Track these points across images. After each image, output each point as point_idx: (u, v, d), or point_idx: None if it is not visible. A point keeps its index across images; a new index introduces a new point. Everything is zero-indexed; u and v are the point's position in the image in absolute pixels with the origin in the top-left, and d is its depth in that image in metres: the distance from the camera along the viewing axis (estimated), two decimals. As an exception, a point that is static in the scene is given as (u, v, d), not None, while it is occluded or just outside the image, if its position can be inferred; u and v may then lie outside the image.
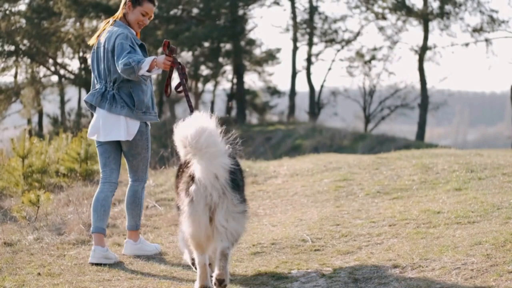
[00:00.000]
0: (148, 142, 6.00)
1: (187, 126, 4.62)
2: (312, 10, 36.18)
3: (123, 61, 5.55)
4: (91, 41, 6.01)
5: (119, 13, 6.00)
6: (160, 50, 31.68)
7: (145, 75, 5.67)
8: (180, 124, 4.66)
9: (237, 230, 4.73)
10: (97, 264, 5.78)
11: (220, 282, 4.63)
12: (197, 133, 4.54)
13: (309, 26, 36.37)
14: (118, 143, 5.97)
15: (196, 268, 4.89)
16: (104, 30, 5.94)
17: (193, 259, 5.09)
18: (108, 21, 6.02)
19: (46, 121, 36.94)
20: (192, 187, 4.66)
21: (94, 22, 34.31)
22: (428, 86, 33.95)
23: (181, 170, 4.97)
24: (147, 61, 5.51)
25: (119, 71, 5.64)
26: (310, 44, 36.47)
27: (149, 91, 5.94)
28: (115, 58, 5.67)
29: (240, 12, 35.08)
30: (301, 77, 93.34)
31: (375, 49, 36.19)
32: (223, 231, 4.65)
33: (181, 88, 5.69)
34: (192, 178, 4.69)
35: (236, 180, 4.74)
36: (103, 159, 5.98)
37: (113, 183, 5.99)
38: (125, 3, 5.96)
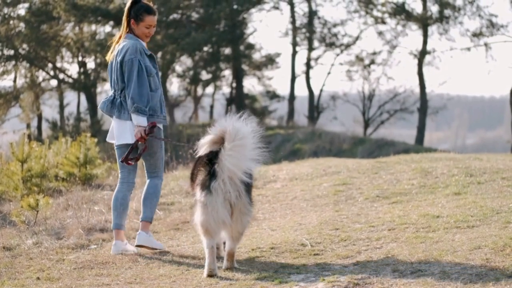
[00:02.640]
0: (161, 142, 6.39)
1: (231, 122, 5.29)
2: (311, 14, 36.21)
3: (132, 97, 6.11)
4: (107, 58, 6.45)
5: (123, 31, 6.41)
6: (159, 53, 31.74)
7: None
8: (222, 120, 5.35)
9: (239, 231, 5.41)
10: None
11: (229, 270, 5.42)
12: (239, 129, 5.23)
13: (308, 31, 36.41)
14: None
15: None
16: (117, 44, 6.38)
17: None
18: (119, 38, 6.42)
19: (45, 126, 36.96)
20: (213, 182, 5.24)
21: (93, 27, 34.36)
22: (427, 90, 34.00)
23: (198, 166, 5.49)
24: (140, 120, 6.10)
25: (128, 98, 6.15)
26: (310, 48, 36.49)
27: (156, 96, 6.31)
28: (126, 74, 6.18)
29: (240, 16, 35.11)
30: (301, 82, 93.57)
31: (374, 53, 36.22)
32: (230, 229, 5.34)
33: (130, 160, 6.27)
34: (211, 174, 5.27)
35: (249, 184, 5.38)
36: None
37: (131, 183, 6.45)
38: (128, 22, 6.35)
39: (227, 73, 38.46)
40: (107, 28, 34.52)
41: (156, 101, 6.27)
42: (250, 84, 43.60)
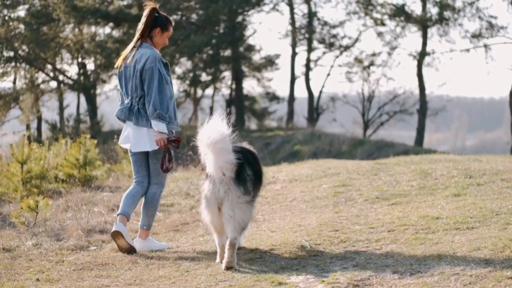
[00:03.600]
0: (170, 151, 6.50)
1: (204, 127, 5.61)
2: (311, 15, 36.20)
3: (154, 104, 6.25)
4: (117, 64, 6.56)
5: (139, 39, 6.49)
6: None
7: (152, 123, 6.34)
8: (201, 126, 5.66)
9: (243, 218, 5.67)
10: (116, 233, 6.27)
11: (228, 268, 5.54)
12: (208, 131, 5.53)
13: (307, 32, 36.41)
14: (147, 152, 6.54)
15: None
16: (130, 53, 6.48)
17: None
18: (135, 46, 6.50)
19: (44, 127, 36.95)
20: (206, 183, 5.71)
21: (93, 28, 34.36)
22: (427, 91, 33.96)
23: (202, 170, 5.93)
24: (161, 126, 6.28)
25: (148, 104, 6.29)
26: (309, 49, 36.48)
27: (171, 104, 6.49)
28: (146, 82, 6.32)
29: (239, 18, 35.11)
30: (300, 83, 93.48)
31: (374, 54, 36.19)
32: (231, 220, 5.60)
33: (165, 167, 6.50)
34: (206, 176, 5.72)
35: (242, 174, 5.65)
36: (136, 167, 6.61)
37: (145, 186, 6.63)
38: (149, 31, 6.46)
39: (227, 74, 38.45)
40: (107, 30, 34.59)
41: (171, 109, 6.44)
42: (250, 86, 43.62)
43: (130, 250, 6.34)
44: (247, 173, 5.72)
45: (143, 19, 6.49)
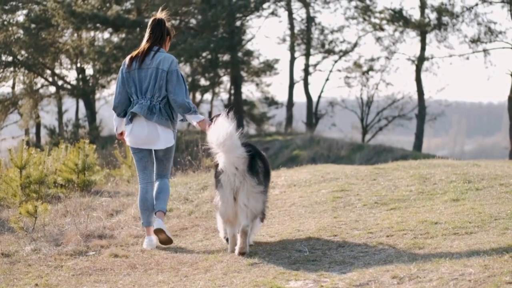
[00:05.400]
0: (174, 149, 7.07)
1: (212, 128, 6.03)
2: (309, 20, 36.26)
3: (189, 102, 6.67)
4: (126, 64, 6.78)
5: (155, 43, 6.81)
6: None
7: (186, 119, 6.83)
8: (210, 128, 6.08)
9: (255, 207, 6.10)
10: (158, 230, 6.66)
11: (242, 254, 6.07)
12: (217, 131, 5.94)
13: (306, 37, 36.45)
14: (151, 150, 6.96)
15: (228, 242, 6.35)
16: (147, 55, 6.74)
17: (226, 238, 6.46)
18: (152, 50, 6.77)
19: (43, 132, 36.96)
20: (221, 176, 6.08)
21: (92, 33, 34.38)
22: (426, 96, 34.04)
23: (215, 165, 6.26)
24: (199, 117, 6.73)
25: (177, 103, 6.66)
26: (308, 54, 36.53)
27: None
28: (174, 83, 6.67)
29: (238, 23, 35.15)
30: (299, 88, 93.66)
31: (372, 59, 36.25)
32: (245, 209, 6.03)
33: None
34: (221, 170, 6.07)
35: (254, 166, 6.10)
36: (143, 163, 6.98)
37: (153, 182, 7.06)
38: (164, 38, 6.85)
39: (226, 79, 38.49)
40: (106, 35, 34.61)
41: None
42: (249, 91, 43.73)
43: (170, 242, 6.76)
44: (258, 165, 6.18)
45: (156, 27, 6.83)
